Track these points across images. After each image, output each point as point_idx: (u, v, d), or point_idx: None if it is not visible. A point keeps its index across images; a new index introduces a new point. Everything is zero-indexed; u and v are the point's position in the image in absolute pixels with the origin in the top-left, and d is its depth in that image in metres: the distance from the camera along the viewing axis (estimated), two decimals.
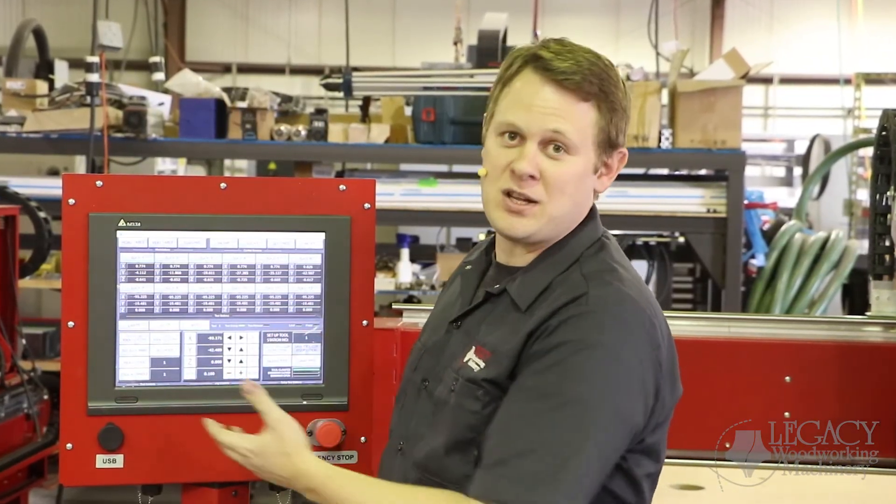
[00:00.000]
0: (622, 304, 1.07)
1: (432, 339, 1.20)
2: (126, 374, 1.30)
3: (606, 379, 1.03)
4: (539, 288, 1.10)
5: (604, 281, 1.09)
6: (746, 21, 9.10)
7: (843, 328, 1.74)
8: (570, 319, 1.05)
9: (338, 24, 8.48)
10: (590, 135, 1.10)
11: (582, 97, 1.09)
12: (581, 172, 1.11)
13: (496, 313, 1.13)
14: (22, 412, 2.96)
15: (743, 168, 3.68)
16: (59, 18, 7.54)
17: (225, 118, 3.76)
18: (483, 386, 1.09)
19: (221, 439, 1.20)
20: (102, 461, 1.28)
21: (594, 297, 1.06)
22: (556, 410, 1.01)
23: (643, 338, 1.06)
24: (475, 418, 1.08)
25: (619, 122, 1.12)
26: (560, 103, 1.09)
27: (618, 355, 1.04)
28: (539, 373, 1.04)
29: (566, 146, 1.09)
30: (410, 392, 1.20)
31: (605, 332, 1.04)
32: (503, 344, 1.09)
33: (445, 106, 3.68)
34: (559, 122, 1.09)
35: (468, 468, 1.07)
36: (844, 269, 3.95)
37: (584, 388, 1.02)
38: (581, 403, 1.02)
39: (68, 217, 1.29)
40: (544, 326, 1.06)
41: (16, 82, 3.83)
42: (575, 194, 1.12)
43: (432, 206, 3.69)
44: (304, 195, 1.34)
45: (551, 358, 1.03)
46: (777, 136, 8.36)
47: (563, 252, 1.13)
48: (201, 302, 1.31)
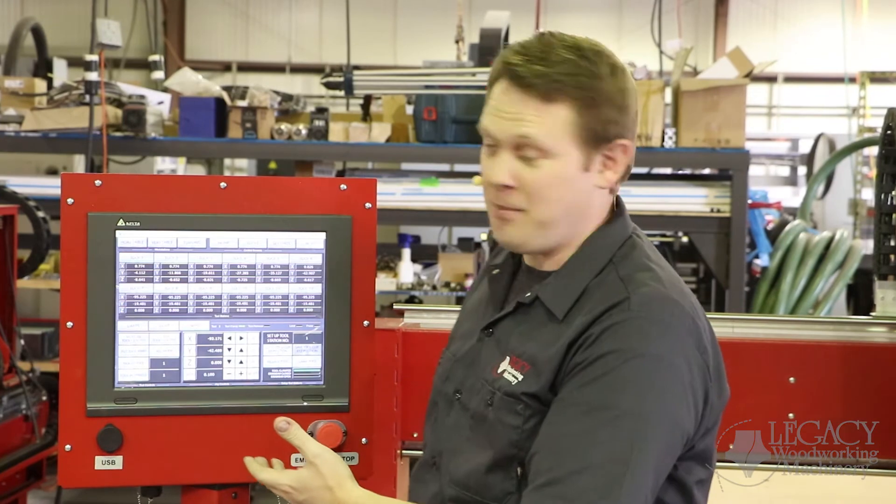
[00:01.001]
0: (666, 308, 1.03)
1: (463, 348, 1.17)
2: (125, 375, 1.29)
3: (656, 388, 1.00)
4: (575, 294, 1.07)
5: (643, 283, 1.05)
6: (750, 19, 9.08)
7: (848, 329, 1.72)
8: (613, 327, 1.01)
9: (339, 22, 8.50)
10: (566, 134, 1.05)
11: (549, 99, 1.05)
12: (562, 174, 1.06)
13: (530, 322, 1.09)
14: (20, 413, 2.95)
15: (747, 167, 3.67)
16: (58, 16, 7.55)
17: (225, 117, 3.75)
18: (523, 400, 1.05)
19: (261, 478, 1.18)
20: (101, 462, 1.27)
21: (636, 302, 1.02)
22: (606, 425, 0.98)
23: (689, 342, 1.03)
24: (516, 434, 1.05)
25: (606, 113, 1.06)
26: (527, 108, 1.05)
27: (666, 362, 1.01)
28: (586, 385, 1.00)
29: (540, 150, 1.05)
30: (442, 404, 1.17)
31: (651, 339, 1.01)
32: (542, 355, 1.06)
33: (447, 105, 3.67)
34: (526, 126, 1.05)
35: (510, 485, 1.05)
36: (849, 269, 3.93)
37: (634, 400, 0.99)
38: (632, 416, 0.99)
39: (67, 217, 1.28)
40: (586, 335, 1.02)
41: (14, 81, 3.82)
42: (563, 197, 1.07)
43: (434, 205, 3.68)
44: (305, 195, 1.33)
45: (597, 369, 1.00)
46: (781, 135, 8.34)
47: (593, 254, 1.09)
48: (201, 302, 1.31)
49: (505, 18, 3.86)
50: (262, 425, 1.31)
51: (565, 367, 1.03)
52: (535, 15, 4.55)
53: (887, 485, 1.62)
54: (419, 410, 1.60)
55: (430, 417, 1.20)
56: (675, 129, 3.73)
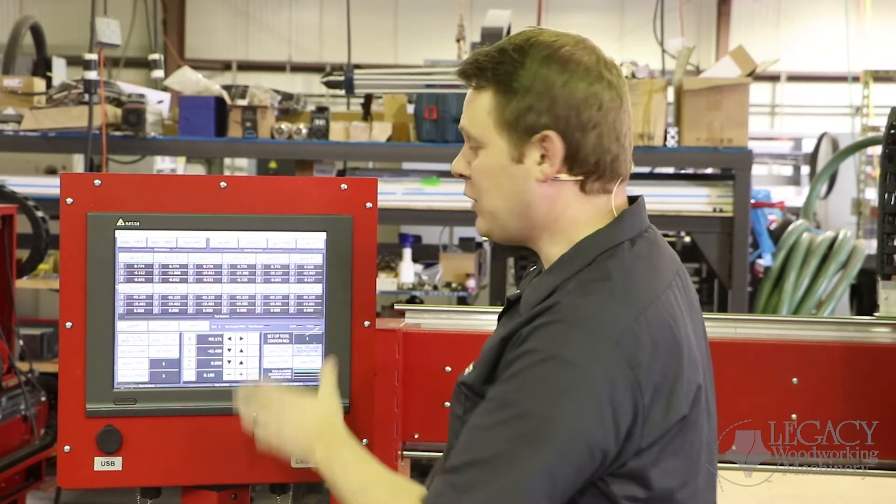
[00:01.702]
0: (596, 317, 0.99)
1: None
2: (125, 376, 1.28)
3: (566, 394, 0.96)
4: (542, 295, 1.05)
5: (587, 290, 1.01)
6: (753, 18, 9.06)
7: (852, 329, 1.71)
8: (539, 328, 0.99)
9: (339, 21, 8.49)
10: (490, 123, 1.06)
11: (477, 87, 1.08)
12: (492, 164, 1.06)
13: (513, 319, 1.10)
14: (19, 414, 2.94)
15: (750, 167, 3.65)
16: (57, 15, 7.55)
17: (225, 116, 3.73)
18: (463, 391, 1.08)
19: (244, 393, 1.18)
20: (101, 464, 1.27)
21: (567, 306, 0.99)
22: (509, 423, 0.97)
23: (616, 354, 0.98)
24: (459, 423, 1.06)
25: (526, 102, 1.03)
26: (466, 98, 1.09)
27: (580, 369, 0.97)
28: (502, 382, 1.00)
29: (474, 140, 1.09)
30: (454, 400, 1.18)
31: (569, 344, 0.97)
32: (487, 349, 1.07)
33: (448, 104, 3.66)
34: (463, 117, 1.10)
35: None
36: (852, 269, 3.91)
37: (540, 402, 0.96)
38: (536, 418, 0.96)
39: (66, 216, 1.27)
40: (518, 334, 1.01)
41: (13, 80, 3.81)
42: (500, 187, 1.06)
43: (435, 205, 3.67)
44: (305, 194, 1.33)
45: (514, 367, 0.99)
46: (784, 135, 8.31)
47: (574, 256, 1.06)
48: (201, 302, 1.30)
49: (506, 17, 3.85)
50: None
51: (501, 362, 1.04)
52: (537, 14, 4.53)
53: (888, 485, 1.62)
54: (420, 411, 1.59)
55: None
56: (677, 129, 3.72)
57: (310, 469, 1.30)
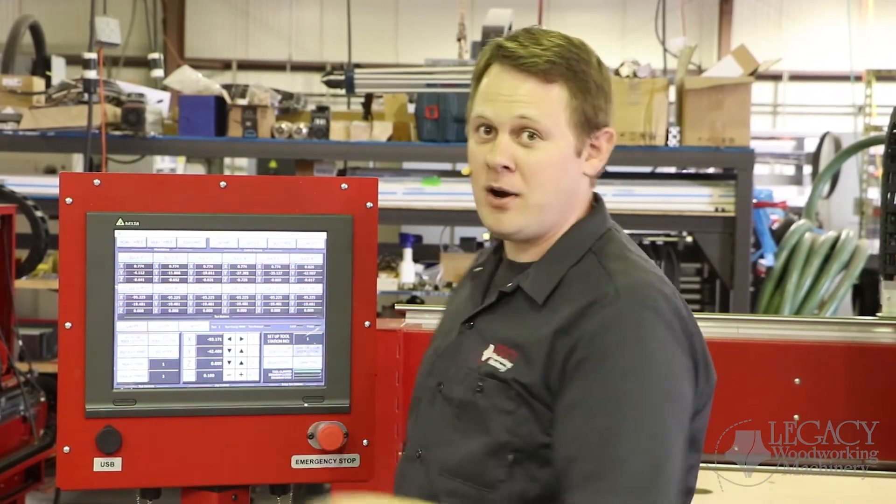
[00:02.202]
0: (651, 294, 1.06)
1: (444, 343, 1.19)
2: (124, 376, 1.28)
3: (664, 374, 1.03)
4: (553, 282, 1.09)
5: (625, 272, 1.08)
6: (755, 17, 9.04)
7: (854, 329, 1.71)
8: (605, 320, 1.04)
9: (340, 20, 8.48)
10: (562, 117, 1.09)
11: (547, 80, 1.08)
12: (559, 157, 1.10)
13: (512, 311, 1.11)
14: (18, 415, 2.93)
15: (752, 166, 3.65)
16: (57, 14, 7.53)
17: (225, 116, 3.73)
18: (514, 387, 1.07)
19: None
20: (100, 464, 1.26)
21: (624, 292, 1.05)
22: (629, 417, 1.01)
23: (677, 326, 1.06)
24: (511, 419, 1.06)
25: (595, 100, 1.11)
26: (525, 89, 1.08)
27: (664, 347, 1.04)
28: (594, 382, 1.03)
29: (538, 132, 1.08)
30: (425, 398, 1.18)
31: (644, 326, 1.04)
32: (528, 343, 1.07)
33: (449, 103, 3.66)
34: (525, 108, 1.08)
35: (501, 472, 1.06)
36: (855, 269, 3.90)
37: (647, 388, 1.02)
38: (649, 405, 1.02)
39: (65, 216, 1.27)
40: (579, 332, 1.04)
41: (12, 79, 3.79)
42: (558, 181, 1.10)
43: (435, 205, 3.67)
44: (306, 194, 1.32)
45: (601, 364, 1.03)
46: (786, 134, 8.30)
47: (572, 244, 1.12)
48: (201, 302, 1.30)
49: (507, 16, 3.85)
50: (262, 427, 1.30)
51: (556, 358, 1.05)
52: (538, 12, 4.52)
53: (888, 485, 1.61)
54: None
55: (413, 413, 1.21)
56: (679, 128, 3.71)
57: (310, 470, 1.30)
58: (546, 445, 1.05)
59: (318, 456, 1.30)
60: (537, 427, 1.06)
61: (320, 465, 1.31)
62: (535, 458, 1.06)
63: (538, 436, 1.06)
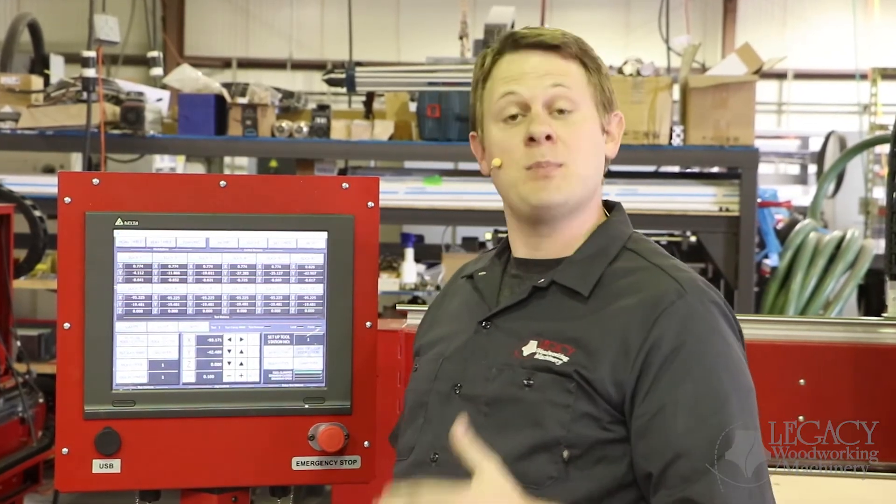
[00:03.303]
0: (708, 289, 1.08)
1: (451, 346, 1.15)
2: (123, 377, 1.27)
3: (742, 367, 1.07)
4: (595, 276, 1.10)
5: (679, 268, 1.10)
6: (759, 15, 9.01)
7: (860, 330, 1.69)
8: (680, 317, 1.05)
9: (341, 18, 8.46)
10: (587, 92, 1.12)
11: (567, 55, 1.11)
12: (592, 130, 1.12)
13: (548, 306, 1.09)
14: (17, 416, 2.92)
15: (756, 165, 3.63)
16: (55, 12, 7.50)
17: (225, 114, 3.71)
18: (575, 379, 1.04)
19: None
20: (99, 466, 1.25)
21: (688, 289, 1.06)
22: (727, 410, 1.03)
23: (732, 318, 1.10)
24: (567, 414, 1.03)
25: (606, 82, 1.14)
26: (550, 64, 1.11)
27: (732, 339, 1.08)
28: (679, 382, 1.03)
29: (570, 102, 1.10)
30: (436, 403, 1.13)
31: (716, 321, 1.07)
32: (587, 338, 1.05)
33: (451, 102, 3.64)
34: (556, 77, 1.10)
35: (553, 469, 1.03)
36: (860, 269, 3.88)
37: (734, 381, 1.05)
38: (738, 397, 1.04)
39: (64, 216, 1.26)
40: (656, 329, 1.04)
41: (10, 77, 3.77)
42: (592, 153, 1.12)
43: (437, 204, 3.65)
44: (306, 193, 1.31)
45: (690, 361, 1.04)
46: (791, 133, 8.27)
47: (605, 240, 1.12)
48: (200, 303, 1.29)
49: (510, 14, 3.83)
50: (262, 428, 1.29)
51: (629, 355, 1.04)
52: (541, 10, 4.51)
53: (891, 487, 1.59)
54: None
55: (417, 419, 1.16)
56: (682, 127, 3.69)
57: (311, 471, 1.30)
58: (602, 442, 1.04)
59: (319, 457, 1.29)
60: (594, 423, 1.04)
61: (321, 467, 1.30)
62: (589, 455, 1.04)
63: (595, 431, 1.04)
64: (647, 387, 1.03)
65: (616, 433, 1.05)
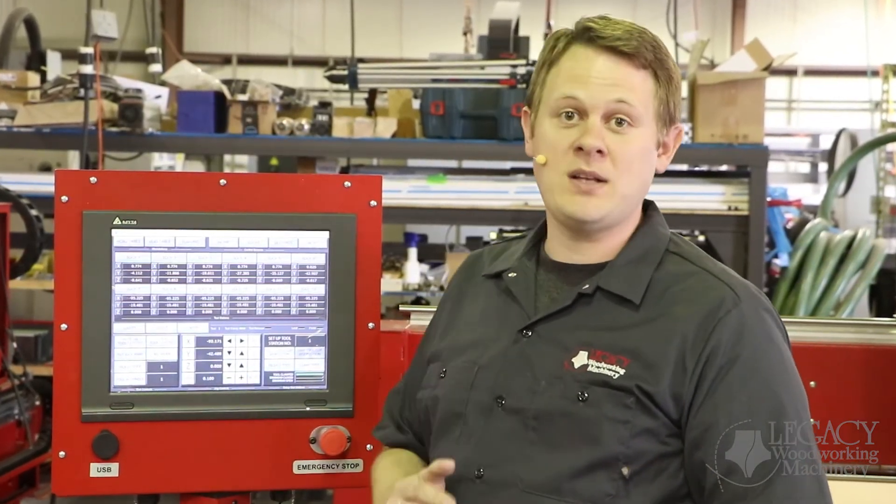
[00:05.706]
0: (760, 295, 1.08)
1: (487, 353, 1.08)
2: (121, 379, 1.26)
3: (796, 375, 1.06)
4: (644, 282, 1.06)
5: (728, 273, 1.08)
6: (769, 10, 8.95)
7: (871, 331, 1.66)
8: (737, 326, 1.03)
9: (342, 14, 8.43)
10: (651, 106, 1.07)
11: (639, 65, 1.05)
12: (646, 147, 1.07)
13: (594, 314, 1.05)
14: (13, 419, 2.89)
15: (766, 164, 3.59)
16: (52, 8, 7.46)
17: (225, 112, 3.67)
18: (634, 394, 1.01)
19: None
20: (97, 470, 1.24)
21: (743, 296, 1.05)
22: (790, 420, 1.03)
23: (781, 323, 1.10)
24: (627, 430, 1.00)
25: (674, 94, 1.08)
26: (619, 72, 1.05)
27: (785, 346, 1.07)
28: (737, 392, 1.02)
29: (630, 118, 1.05)
30: (475, 414, 1.06)
31: (770, 329, 1.06)
32: (645, 350, 1.02)
33: (455, 99, 3.61)
34: (622, 91, 1.04)
35: (611, 487, 1.00)
36: (872, 269, 3.84)
37: (792, 389, 1.05)
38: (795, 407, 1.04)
39: (61, 215, 1.25)
40: (714, 338, 1.01)
41: (6, 74, 3.74)
42: (641, 171, 1.07)
43: (441, 203, 3.62)
44: (308, 192, 1.30)
45: (748, 371, 1.02)
46: (801, 131, 8.22)
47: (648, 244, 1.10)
48: (200, 303, 1.27)
49: (515, 9, 3.80)
50: (263, 431, 1.27)
51: (687, 367, 1.02)
52: (547, 6, 4.47)
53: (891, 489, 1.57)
54: None
55: (451, 432, 1.08)
56: (691, 124, 3.66)
57: (312, 475, 1.28)
58: (661, 456, 1.01)
59: (321, 461, 1.28)
60: (653, 438, 1.01)
61: (322, 471, 1.28)
62: (647, 471, 1.01)
63: (654, 446, 1.01)
64: (703, 398, 1.01)
65: (673, 446, 1.02)
